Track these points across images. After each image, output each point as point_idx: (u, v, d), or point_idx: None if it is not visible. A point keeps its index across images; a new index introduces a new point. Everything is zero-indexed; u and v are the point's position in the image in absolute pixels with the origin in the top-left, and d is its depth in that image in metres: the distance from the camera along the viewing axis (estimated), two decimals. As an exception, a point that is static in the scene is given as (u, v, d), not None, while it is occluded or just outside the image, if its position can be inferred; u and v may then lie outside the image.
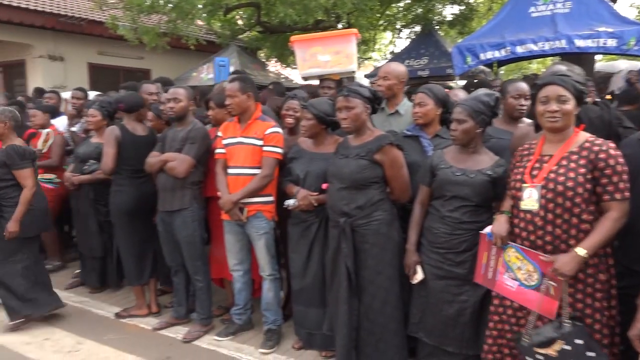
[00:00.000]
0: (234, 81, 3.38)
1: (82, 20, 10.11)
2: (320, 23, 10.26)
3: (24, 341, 3.63)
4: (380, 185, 2.88)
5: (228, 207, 3.30)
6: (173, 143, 3.53)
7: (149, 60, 11.66)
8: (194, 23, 10.05)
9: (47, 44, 10.26)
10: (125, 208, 3.77)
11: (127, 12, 9.10)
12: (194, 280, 3.65)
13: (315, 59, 4.40)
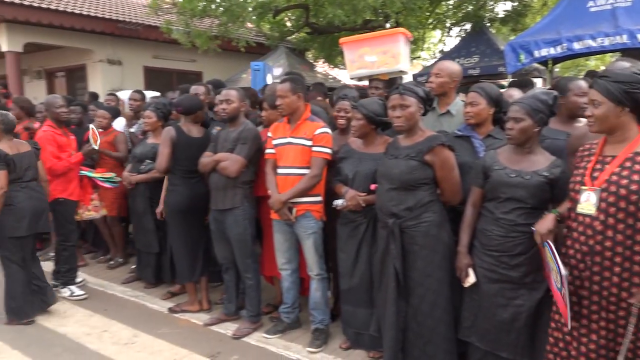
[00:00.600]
0: (285, 81, 3.42)
1: (139, 25, 10.50)
2: (369, 23, 10.20)
3: (85, 332, 3.80)
4: (431, 187, 2.83)
5: (277, 206, 3.35)
6: (225, 143, 3.61)
7: (200, 63, 11.97)
8: (244, 26, 10.22)
9: (106, 49, 10.72)
10: (178, 207, 3.89)
11: (181, 16, 9.36)
12: (244, 278, 3.72)
13: (363, 59, 4.40)
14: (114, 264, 5.38)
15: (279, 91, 3.38)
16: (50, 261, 5.47)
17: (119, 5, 11.50)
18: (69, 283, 4.52)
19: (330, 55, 12.88)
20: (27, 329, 3.87)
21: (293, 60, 10.66)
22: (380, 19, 10.41)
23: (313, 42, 12.32)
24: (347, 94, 3.65)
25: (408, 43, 4.53)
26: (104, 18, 10.14)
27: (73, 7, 9.76)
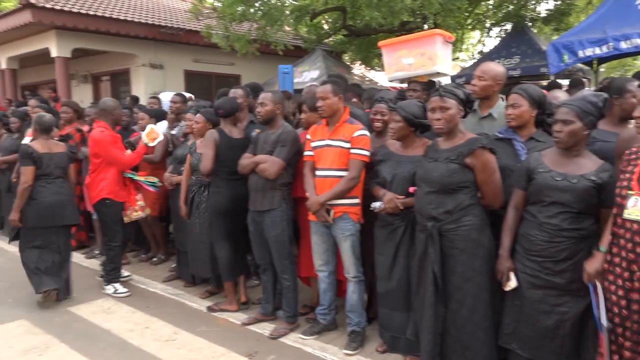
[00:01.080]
0: (326, 83, 3.43)
1: (180, 30, 10.76)
2: (406, 25, 10.14)
3: (127, 328, 3.91)
4: (471, 190, 2.78)
5: (315, 208, 3.36)
6: (265, 145, 3.65)
7: (239, 66, 12.16)
8: (282, 29, 10.32)
9: (149, 53, 11.03)
10: (221, 208, 3.95)
11: (221, 21, 9.55)
12: (281, 278, 3.75)
13: (400, 62, 4.37)
14: (157, 261, 5.54)
15: (320, 93, 3.39)
16: (95, 259, 5.68)
17: (161, 11, 11.81)
18: (113, 281, 4.65)
19: (367, 58, 12.86)
20: (74, 323, 4.01)
21: (330, 62, 10.68)
22: (417, 21, 10.33)
23: (350, 44, 12.33)
24: (383, 97, 3.62)
25: (447, 44, 4.46)
26: (147, 24, 10.43)
27: (118, 14, 10.08)
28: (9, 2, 20.80)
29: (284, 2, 10.10)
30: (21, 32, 10.02)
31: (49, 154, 4.35)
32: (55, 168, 4.37)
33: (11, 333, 3.84)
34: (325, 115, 3.42)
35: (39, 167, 4.28)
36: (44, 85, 14.08)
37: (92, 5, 10.07)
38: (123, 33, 10.18)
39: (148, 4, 12.11)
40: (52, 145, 4.43)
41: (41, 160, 4.29)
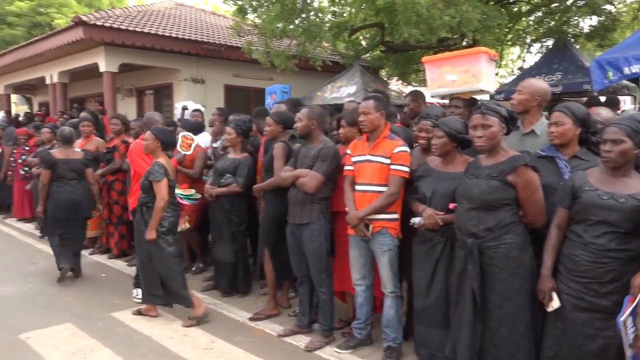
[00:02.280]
0: (369, 99, 3.48)
1: (222, 46, 11.04)
2: (444, 41, 10.11)
3: (167, 335, 4.00)
4: (512, 208, 2.76)
5: (354, 222, 3.38)
6: (305, 159, 3.72)
7: (277, 81, 12.30)
8: (321, 45, 10.46)
9: (191, 68, 11.35)
10: (278, 215, 4.01)
11: (262, 37, 9.75)
12: (318, 291, 3.77)
13: (443, 78, 4.37)
14: (196, 270, 5.65)
15: (362, 108, 3.44)
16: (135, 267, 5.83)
17: (204, 28, 12.15)
18: (138, 286, 4.62)
19: (404, 73, 12.86)
20: (117, 329, 4.14)
21: (367, 78, 10.72)
22: (455, 37, 10.29)
23: (387, 60, 12.36)
24: (430, 113, 3.62)
25: (491, 62, 4.44)
26: (190, 40, 10.75)
27: (163, 30, 10.44)
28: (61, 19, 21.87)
29: (323, 19, 10.24)
30: (72, 48, 10.48)
31: (66, 160, 5.29)
32: (70, 172, 5.27)
33: (58, 335, 3.99)
34: (366, 130, 3.46)
35: (55, 171, 5.22)
36: (91, 98, 14.65)
37: (139, 23, 10.46)
38: (167, 49, 10.51)
39: (191, 21, 12.49)
40: (70, 153, 5.38)
41: (57, 165, 5.22)
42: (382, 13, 10.32)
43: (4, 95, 15.87)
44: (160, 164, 4.10)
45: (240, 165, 4.56)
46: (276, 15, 9.15)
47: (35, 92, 17.98)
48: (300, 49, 9.94)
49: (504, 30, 12.02)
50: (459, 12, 7.77)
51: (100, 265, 6.07)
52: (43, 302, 4.75)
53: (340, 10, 10.65)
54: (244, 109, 9.32)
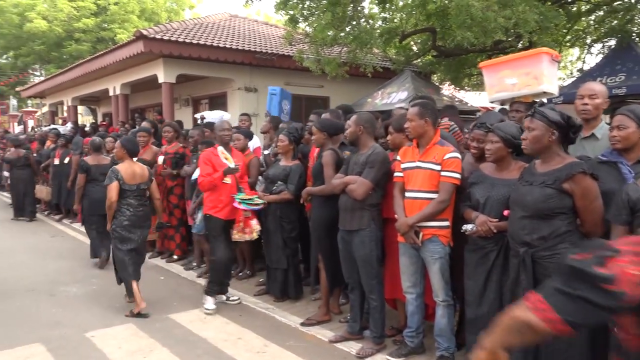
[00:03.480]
0: (415, 106, 3.48)
1: (274, 55, 11.28)
2: (499, 44, 9.87)
3: (222, 338, 4.13)
4: (569, 216, 2.66)
5: (404, 229, 3.38)
6: (355, 166, 3.75)
7: (327, 89, 12.46)
8: (371, 51, 10.47)
9: (244, 77, 11.65)
10: (329, 221, 4.05)
11: (313, 45, 9.88)
12: (369, 298, 3.78)
13: (503, 82, 4.27)
14: (242, 275, 5.78)
15: (408, 115, 3.47)
16: (192, 270, 6.04)
17: (256, 38, 12.45)
18: (208, 293, 4.76)
19: (456, 78, 12.65)
20: (174, 330, 4.30)
21: (418, 83, 10.64)
22: (511, 40, 10.02)
23: (439, 64, 12.21)
24: (485, 122, 3.55)
25: (554, 63, 4.28)
26: (244, 50, 11.05)
27: (218, 42, 10.79)
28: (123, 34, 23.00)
29: (374, 25, 10.25)
30: (133, 61, 11.01)
31: (97, 165, 6.41)
32: (101, 175, 6.01)
33: (120, 335, 4.19)
34: (411, 137, 3.46)
35: (89, 175, 6.34)
36: (150, 109, 15.32)
37: (196, 35, 10.85)
38: (222, 59, 10.85)
39: (245, 32, 12.83)
40: (100, 159, 6.55)
41: (90, 170, 6.35)
42: (434, 17, 10.23)
43: (72, 107, 16.86)
44: (115, 170, 4.72)
45: (292, 173, 4.65)
46: (327, 24, 9.26)
47: (99, 103, 18.99)
48: (350, 56, 10.00)
49: (562, 31, 11.59)
50: (515, 13, 7.58)
51: (159, 268, 6.33)
52: (106, 302, 5.01)
53: (390, 16, 10.63)
54: (294, 117, 9.47)
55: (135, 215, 4.73)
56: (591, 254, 1.16)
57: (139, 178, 4.78)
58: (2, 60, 28.89)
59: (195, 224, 5.70)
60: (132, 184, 4.71)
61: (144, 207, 4.84)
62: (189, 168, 6.01)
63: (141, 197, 4.82)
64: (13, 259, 6.82)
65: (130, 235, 4.73)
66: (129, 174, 4.72)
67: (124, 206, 4.69)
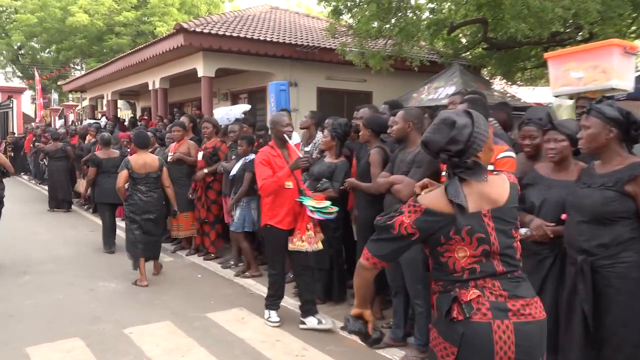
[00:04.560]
0: (463, 102, 3.41)
1: (315, 48, 11.31)
2: (557, 35, 9.57)
3: (260, 339, 4.18)
4: (633, 222, 2.56)
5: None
6: (401, 165, 3.71)
7: (370, 83, 12.41)
8: (418, 44, 10.35)
9: (284, 71, 11.74)
10: (369, 222, 4.01)
11: (356, 38, 9.85)
12: (414, 304, 3.74)
13: (568, 75, 4.11)
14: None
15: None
16: (230, 269, 6.14)
17: (297, 30, 12.53)
18: (269, 307, 4.54)
19: (508, 72, 12.34)
20: (212, 329, 4.39)
21: (467, 78, 10.43)
22: (569, 31, 9.71)
23: (490, 58, 11.95)
24: (531, 118, 3.46)
25: (629, 55, 4.06)
26: (285, 43, 11.14)
27: (259, 35, 10.92)
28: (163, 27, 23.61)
29: (421, 17, 10.13)
30: (173, 54, 11.28)
31: (107, 158, 7.29)
32: (111, 167, 7.02)
33: (158, 333, 4.32)
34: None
35: (100, 167, 7.20)
36: (188, 103, 15.67)
37: (236, 28, 11.02)
38: (262, 52, 10.97)
39: (285, 24, 12.93)
40: (110, 153, 7.41)
41: (101, 163, 7.23)
42: (485, 8, 10.01)
43: (111, 101, 17.44)
44: (126, 160, 5.66)
45: (337, 170, 4.64)
46: (372, 15, 9.22)
47: (138, 97, 19.57)
48: (396, 48, 9.92)
49: (627, 22, 11.12)
50: (575, 3, 7.32)
51: (196, 266, 6.48)
52: (144, 299, 5.17)
53: (439, 6, 10.46)
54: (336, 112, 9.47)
55: (143, 200, 5.56)
56: (385, 215, 1.96)
57: (148, 167, 5.61)
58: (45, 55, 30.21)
59: (233, 221, 5.80)
60: (141, 173, 5.55)
61: (153, 193, 5.63)
62: (227, 164, 6.11)
63: (150, 185, 5.62)
64: (53, 252, 7.13)
65: (137, 218, 5.55)
66: (139, 164, 5.58)
67: (133, 192, 5.58)
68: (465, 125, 1.84)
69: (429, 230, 1.84)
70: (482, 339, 1.78)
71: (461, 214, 1.79)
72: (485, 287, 1.82)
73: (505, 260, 1.85)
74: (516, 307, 1.80)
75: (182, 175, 6.71)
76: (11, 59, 31.45)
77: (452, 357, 1.82)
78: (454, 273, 1.86)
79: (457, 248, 1.83)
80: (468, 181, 1.84)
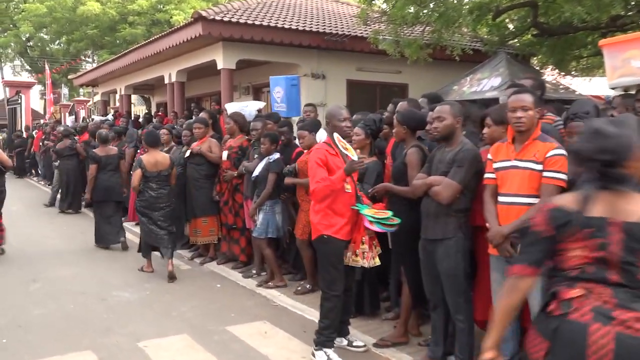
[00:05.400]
0: (524, 92, 3.36)
1: (345, 37, 11.32)
2: (618, 19, 9.36)
3: (284, 356, 4.20)
4: None
5: (497, 240, 3.29)
6: (440, 165, 3.69)
7: (406, 75, 12.36)
8: (459, 31, 10.27)
9: (311, 62, 11.80)
10: (412, 230, 3.97)
11: (390, 25, 9.83)
12: (455, 319, 3.71)
13: (628, 65, 4.03)
14: (300, 289, 5.69)
15: (520, 101, 3.30)
16: (252, 278, 6.20)
17: (325, 18, 12.57)
18: (324, 344, 4.06)
19: (561, 61, 12.13)
20: (232, 344, 4.45)
21: (515, 68, 10.29)
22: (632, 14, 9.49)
23: (540, 45, 11.77)
24: (577, 112, 3.40)
25: None
26: (312, 31, 11.18)
27: (283, 23, 11.00)
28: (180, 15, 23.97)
29: (462, 1, 10.06)
30: (191, 45, 11.46)
31: (106, 156, 8.02)
32: (109, 164, 7.96)
33: (174, 346, 4.39)
34: (522, 129, 3.32)
35: (99, 164, 7.89)
36: (207, 98, 15.87)
37: (259, 15, 11.12)
38: (287, 42, 11.04)
39: (312, 11, 12.97)
40: (108, 150, 8.18)
41: (101, 160, 7.93)
42: (535, -11, 9.87)
43: (125, 96, 17.80)
44: (139, 159, 6.51)
45: (368, 171, 4.61)
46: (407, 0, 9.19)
47: (153, 92, 19.93)
48: (435, 36, 9.87)
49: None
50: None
51: (215, 274, 6.56)
52: (160, 309, 5.26)
53: (482, -11, 10.37)
54: (368, 106, 9.47)
55: (153, 197, 6.34)
56: None
57: (160, 166, 6.38)
58: (55, 47, 31.05)
59: (256, 227, 5.85)
60: (153, 171, 6.34)
61: (163, 190, 6.40)
62: (249, 164, 6.17)
63: (161, 182, 6.40)
64: (63, 258, 7.32)
65: (148, 212, 6.38)
66: (151, 162, 6.36)
67: (145, 188, 6.35)
68: (620, 135, 1.92)
69: (556, 223, 1.97)
70: (575, 338, 1.84)
71: (585, 214, 1.92)
72: (594, 291, 1.89)
73: (625, 274, 1.89)
74: (624, 318, 1.81)
75: (201, 176, 6.79)
76: (19, 51, 32.40)
77: (542, 353, 1.92)
78: (564, 270, 1.97)
79: (573, 247, 1.94)
80: (608, 189, 1.93)
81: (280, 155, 5.84)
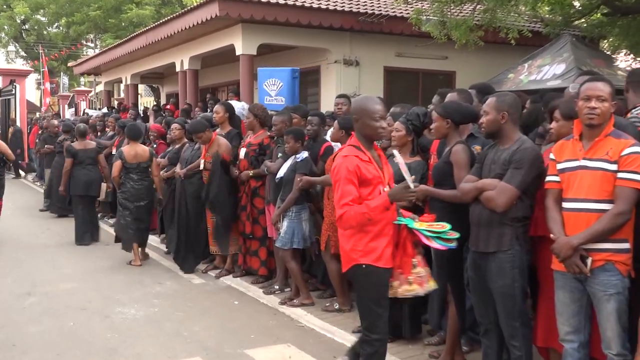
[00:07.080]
0: (601, 81, 3.34)
1: (382, 17, 11.29)
2: None
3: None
4: None
5: (565, 253, 3.24)
6: (493, 166, 3.66)
7: (453, 61, 12.32)
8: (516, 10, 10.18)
9: (343, 47, 11.82)
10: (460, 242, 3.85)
11: (435, 3, 9.79)
12: (509, 345, 3.68)
13: None
14: (329, 307, 5.70)
15: (596, 90, 3.26)
16: (274, 295, 6.23)
17: (360, -5, 12.59)
18: None
19: (637, 44, 11.95)
20: (252, 369, 4.47)
21: (581, 52, 10.20)
22: None
23: (612, 26, 11.61)
24: None
25: None
26: (344, 11, 11.19)
27: (311, 2, 11.01)
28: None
29: (520, -25, 9.98)
30: (206, 27, 11.59)
31: (84, 149, 9.04)
32: (87, 158, 9.01)
33: (186, 371, 4.44)
34: (595, 123, 3.27)
35: (76, 158, 8.90)
36: (223, 88, 16.02)
37: (282, -7, 11.20)
38: (316, 24, 11.05)
39: (345, -12, 13.02)
40: (87, 144, 9.20)
41: (77, 154, 8.92)
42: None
43: (131, 86, 18.08)
44: (120, 151, 7.81)
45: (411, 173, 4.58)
46: (455, -26, 9.15)
47: (162, 81, 20.24)
48: (487, 16, 9.81)
49: None
50: None
51: (232, 290, 6.61)
52: (170, 329, 5.33)
53: (544, -39, 10.30)
54: (408, 98, 9.45)
55: (134, 188, 7.53)
56: None
57: (139, 157, 7.59)
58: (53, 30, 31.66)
59: (280, 236, 5.87)
60: (132, 162, 7.54)
61: (144, 182, 7.62)
62: (272, 164, 6.19)
63: (141, 174, 7.60)
64: (61, 269, 7.47)
65: (129, 205, 7.53)
66: (131, 154, 7.56)
67: (126, 180, 7.55)
68: None
69: None
70: None
71: None
72: None
73: None
74: None
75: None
76: (14, 35, 33.10)
77: None
78: None
79: None
80: None
81: (308, 153, 5.82)
